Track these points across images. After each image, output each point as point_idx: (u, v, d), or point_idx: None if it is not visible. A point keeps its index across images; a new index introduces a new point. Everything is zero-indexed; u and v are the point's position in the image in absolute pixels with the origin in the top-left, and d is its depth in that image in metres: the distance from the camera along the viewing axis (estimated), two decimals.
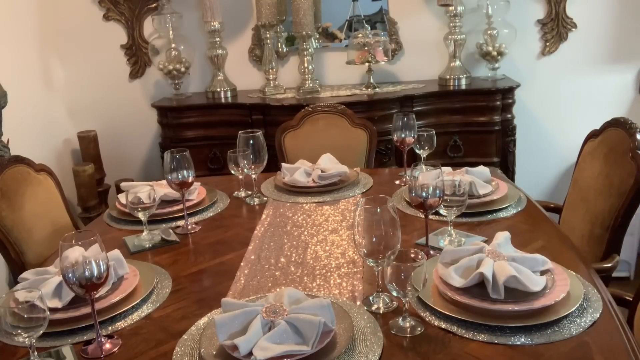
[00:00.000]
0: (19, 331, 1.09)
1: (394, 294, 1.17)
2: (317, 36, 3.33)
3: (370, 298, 1.32)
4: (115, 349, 1.20)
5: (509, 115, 3.05)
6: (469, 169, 1.93)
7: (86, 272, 1.16)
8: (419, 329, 1.19)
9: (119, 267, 1.42)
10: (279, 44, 3.36)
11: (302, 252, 1.59)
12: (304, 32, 3.07)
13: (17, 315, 1.09)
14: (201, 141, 3.13)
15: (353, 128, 2.63)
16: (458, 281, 1.26)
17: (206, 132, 3.14)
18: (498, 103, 3.02)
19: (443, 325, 1.19)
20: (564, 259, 1.43)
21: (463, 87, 3.13)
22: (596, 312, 1.21)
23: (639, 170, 1.79)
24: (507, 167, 3.07)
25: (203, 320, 1.26)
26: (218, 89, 3.27)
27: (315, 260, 1.54)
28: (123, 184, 1.94)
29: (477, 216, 1.74)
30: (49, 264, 1.50)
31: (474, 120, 3.05)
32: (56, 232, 2.00)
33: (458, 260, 1.32)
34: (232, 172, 2.06)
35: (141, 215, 1.69)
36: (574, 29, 3.24)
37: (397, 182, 2.13)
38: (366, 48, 3.08)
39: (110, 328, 1.27)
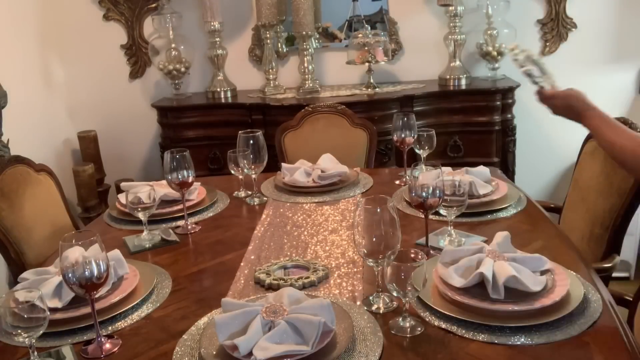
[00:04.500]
0: (19, 331, 1.09)
1: (394, 294, 1.17)
2: (317, 36, 3.33)
3: (370, 298, 1.32)
4: (115, 349, 1.20)
5: (509, 115, 3.05)
6: (469, 169, 1.93)
7: (86, 272, 1.16)
8: (419, 329, 1.19)
9: (119, 267, 1.42)
10: (279, 44, 3.36)
11: (302, 252, 1.59)
12: (304, 32, 3.07)
13: (17, 315, 1.09)
14: (201, 141, 3.13)
15: (353, 128, 2.63)
16: (458, 281, 1.26)
17: (206, 132, 3.14)
18: (498, 103, 3.02)
19: (443, 325, 1.19)
20: (564, 259, 1.43)
21: (463, 87, 3.13)
22: (596, 312, 1.20)
23: None
24: (507, 167, 3.07)
25: (203, 320, 1.26)
26: (218, 89, 3.27)
27: (315, 260, 1.54)
28: (123, 184, 1.94)
29: (477, 216, 1.74)
30: (49, 264, 1.50)
31: (474, 120, 3.05)
32: (56, 232, 2.00)
33: (458, 260, 1.32)
34: (232, 172, 2.06)
35: (141, 215, 1.69)
36: (574, 29, 3.24)
37: (397, 182, 2.13)
38: (366, 48, 3.08)
39: (110, 328, 1.27)
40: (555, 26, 3.24)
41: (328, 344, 1.10)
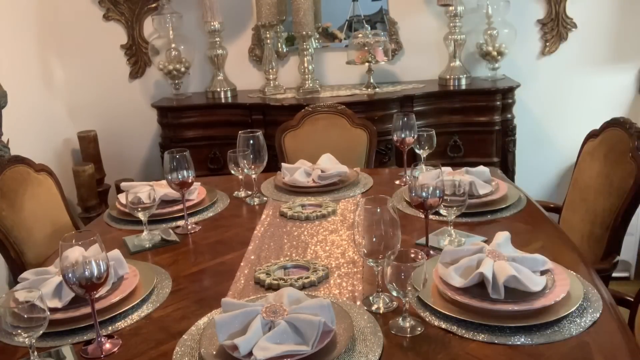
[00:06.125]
0: (19, 331, 1.09)
1: (394, 294, 1.17)
2: (317, 36, 3.33)
3: (370, 298, 1.32)
4: (115, 349, 1.20)
5: (509, 115, 3.05)
6: (469, 169, 1.93)
7: (86, 272, 1.16)
8: (419, 329, 1.19)
9: (119, 267, 1.42)
10: (279, 44, 3.36)
11: (302, 252, 1.59)
12: (304, 32, 3.07)
13: (17, 315, 1.09)
14: (201, 141, 3.13)
15: (353, 128, 2.63)
16: (458, 281, 1.26)
17: (206, 132, 3.14)
18: (498, 103, 3.02)
19: (443, 325, 1.19)
20: (564, 259, 1.43)
21: (463, 87, 3.13)
22: (596, 312, 1.21)
23: (639, 170, 1.79)
24: (507, 167, 3.07)
25: (203, 320, 1.26)
26: (218, 89, 3.27)
27: (315, 260, 1.54)
28: (123, 184, 1.94)
29: (477, 216, 1.74)
30: (49, 264, 1.50)
31: (474, 120, 3.05)
32: (56, 232, 2.00)
33: (458, 260, 1.32)
34: (232, 172, 2.06)
35: (141, 215, 1.69)
36: (574, 29, 3.24)
37: (397, 182, 2.13)
38: (366, 48, 3.08)
39: (110, 328, 1.27)
40: (555, 26, 3.24)
41: (328, 344, 1.10)
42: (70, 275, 1.15)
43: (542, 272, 1.29)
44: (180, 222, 1.84)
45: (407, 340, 1.17)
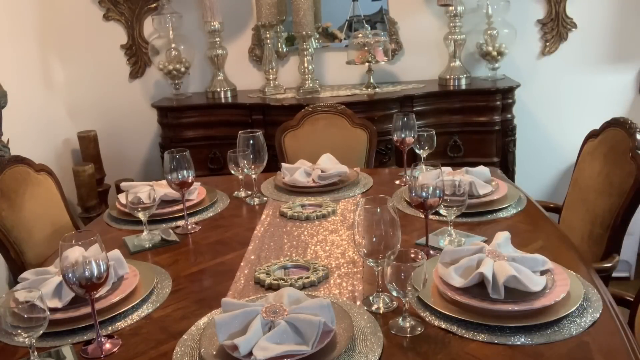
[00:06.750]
0: (19, 331, 1.09)
1: (394, 294, 1.17)
2: (317, 36, 3.33)
3: (370, 298, 1.32)
4: (115, 349, 1.20)
5: (509, 115, 3.05)
6: (469, 169, 1.93)
7: (86, 272, 1.16)
8: (419, 329, 1.19)
9: (119, 267, 1.42)
10: (279, 44, 3.36)
11: (302, 252, 1.59)
12: (304, 32, 3.07)
13: (17, 315, 1.09)
14: (201, 141, 3.13)
15: (353, 128, 2.63)
16: (458, 281, 1.26)
17: (206, 132, 3.14)
18: (498, 103, 3.02)
19: (443, 325, 1.19)
20: (564, 259, 1.43)
21: (463, 87, 3.13)
22: (596, 312, 1.21)
23: (638, 170, 1.79)
24: (507, 167, 3.07)
25: (203, 320, 1.26)
26: (218, 89, 3.27)
27: (315, 260, 1.54)
28: (123, 184, 1.94)
29: (477, 216, 1.74)
30: (49, 264, 1.50)
31: (474, 120, 3.05)
32: (56, 232, 2.00)
33: (458, 260, 1.32)
34: (232, 172, 2.06)
35: (141, 215, 1.69)
36: (574, 29, 3.24)
37: (397, 182, 2.13)
38: (366, 48, 3.08)
39: (110, 328, 1.27)
40: (555, 26, 3.24)
41: (328, 344, 1.10)
42: (70, 275, 1.15)
43: (542, 272, 1.29)
44: (180, 222, 1.84)
45: (407, 340, 1.17)
